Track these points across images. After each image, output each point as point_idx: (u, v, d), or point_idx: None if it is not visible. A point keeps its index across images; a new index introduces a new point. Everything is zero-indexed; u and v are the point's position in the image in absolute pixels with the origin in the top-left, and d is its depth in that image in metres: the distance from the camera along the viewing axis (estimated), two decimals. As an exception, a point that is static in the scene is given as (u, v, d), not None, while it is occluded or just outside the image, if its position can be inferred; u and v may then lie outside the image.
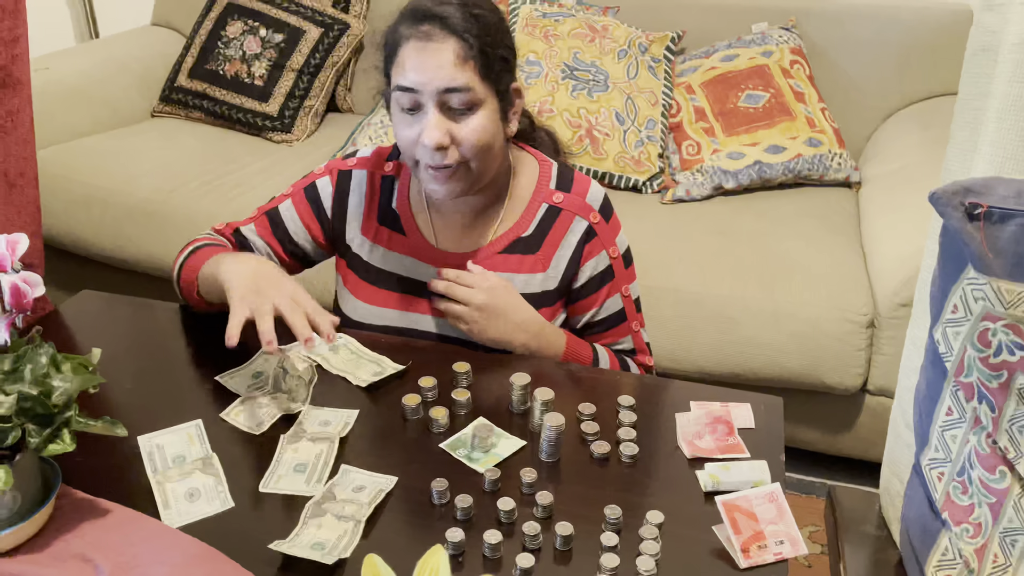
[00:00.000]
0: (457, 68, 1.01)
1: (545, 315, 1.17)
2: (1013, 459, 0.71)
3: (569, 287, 1.18)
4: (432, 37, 1.01)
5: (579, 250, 1.16)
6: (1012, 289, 0.67)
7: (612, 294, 1.19)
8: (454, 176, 1.07)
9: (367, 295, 1.20)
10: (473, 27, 1.02)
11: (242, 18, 2.37)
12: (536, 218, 1.16)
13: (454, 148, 1.04)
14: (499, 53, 1.06)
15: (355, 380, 1.07)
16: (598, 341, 1.22)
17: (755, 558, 0.84)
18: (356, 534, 0.84)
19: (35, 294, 0.81)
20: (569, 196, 1.16)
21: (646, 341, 1.25)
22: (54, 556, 0.82)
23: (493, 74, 1.05)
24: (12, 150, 1.23)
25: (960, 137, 0.79)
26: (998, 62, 0.75)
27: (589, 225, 1.16)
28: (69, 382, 0.82)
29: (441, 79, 1.01)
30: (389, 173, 1.20)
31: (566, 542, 0.84)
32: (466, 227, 1.18)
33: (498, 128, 1.08)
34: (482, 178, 1.10)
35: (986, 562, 0.73)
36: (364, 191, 1.20)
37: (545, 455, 0.96)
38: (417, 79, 1.02)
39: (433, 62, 1.01)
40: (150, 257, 1.95)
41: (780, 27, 2.16)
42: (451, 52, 1.01)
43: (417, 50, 1.02)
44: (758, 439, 1.00)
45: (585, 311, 1.20)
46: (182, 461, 0.94)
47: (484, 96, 1.04)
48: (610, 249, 1.18)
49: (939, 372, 0.74)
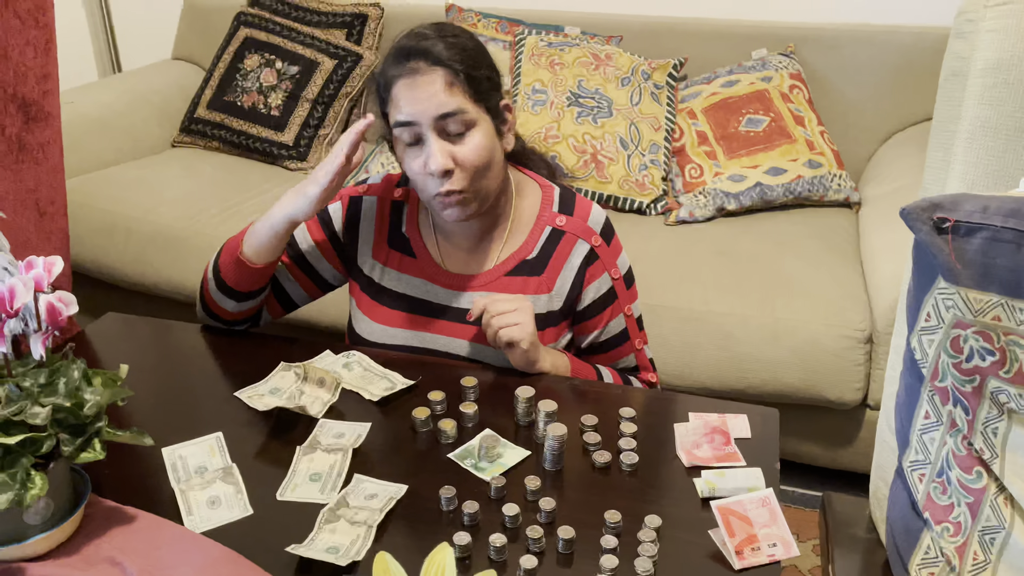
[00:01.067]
0: (447, 94, 1.07)
1: (550, 335, 1.21)
2: (988, 460, 0.75)
3: (573, 308, 1.22)
4: (419, 71, 1.07)
5: (582, 273, 1.20)
6: (980, 298, 0.71)
7: (615, 315, 1.23)
8: (463, 200, 1.11)
9: (379, 316, 1.25)
10: (455, 55, 1.08)
11: (259, 51, 2.45)
12: (540, 241, 1.21)
13: (459, 171, 1.09)
14: (483, 74, 1.11)
15: (367, 395, 1.12)
16: (602, 360, 1.26)
17: (749, 560, 0.87)
18: (368, 538, 0.88)
19: (69, 312, 0.86)
20: (572, 219, 1.21)
21: (649, 358, 1.29)
22: (85, 560, 0.86)
23: (482, 94, 1.10)
24: (43, 180, 1.30)
25: (935, 158, 0.84)
26: (967, 87, 0.80)
27: (591, 248, 1.20)
28: (99, 395, 0.87)
29: (435, 107, 1.07)
30: (399, 199, 1.26)
31: (568, 545, 0.88)
32: (472, 250, 1.22)
33: (495, 144, 1.13)
34: (488, 195, 1.14)
35: (967, 560, 0.77)
36: (375, 216, 1.25)
37: (549, 464, 1.01)
38: (413, 111, 1.07)
39: (424, 93, 1.07)
40: (171, 282, 2.01)
41: (779, 53, 2.22)
42: (439, 81, 1.07)
43: (408, 86, 1.07)
44: (754, 448, 1.04)
45: (589, 332, 1.24)
46: (204, 471, 0.99)
47: (477, 116, 1.10)
48: (612, 271, 1.22)
49: (916, 378, 0.78)
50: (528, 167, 1.28)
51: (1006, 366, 0.72)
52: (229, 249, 1.22)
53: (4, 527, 0.83)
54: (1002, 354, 0.72)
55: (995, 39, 0.77)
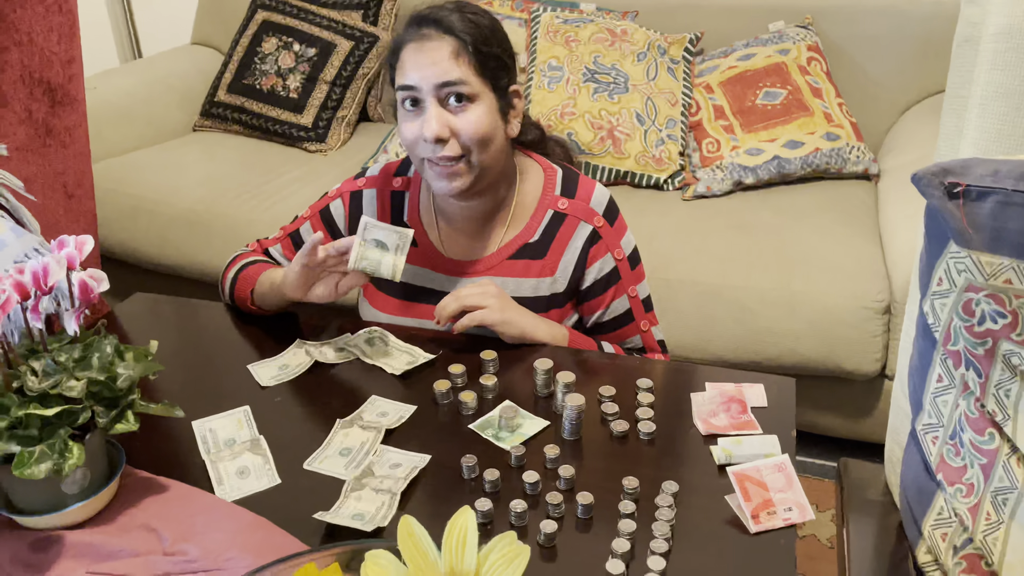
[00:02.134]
0: (451, 63, 1.08)
1: (555, 316, 1.22)
2: (1000, 422, 0.76)
3: (576, 289, 1.23)
4: (429, 37, 1.09)
5: (584, 254, 1.20)
6: (991, 261, 0.72)
7: (618, 295, 1.23)
8: (457, 172, 1.12)
9: (383, 304, 1.27)
10: (467, 27, 1.09)
11: (276, 34, 2.47)
12: (542, 224, 1.21)
13: (454, 140, 1.10)
14: (493, 51, 1.11)
15: (390, 369, 1.14)
16: (608, 340, 1.27)
17: (765, 523, 0.88)
18: (393, 506, 0.91)
19: (100, 289, 0.89)
20: (573, 202, 1.21)
21: (659, 339, 1.29)
22: (121, 527, 0.90)
23: (488, 71, 1.11)
24: (70, 163, 1.33)
25: (948, 124, 0.84)
26: (979, 52, 0.80)
27: (593, 229, 1.20)
28: (132, 369, 0.90)
29: (437, 74, 1.08)
30: (399, 188, 1.26)
31: (587, 510, 0.90)
32: (474, 235, 1.23)
33: (497, 124, 1.13)
34: (485, 174, 1.14)
35: (979, 520, 0.78)
36: (375, 208, 1.26)
37: (567, 433, 1.03)
38: (415, 76, 1.09)
39: (429, 59, 1.08)
40: (194, 263, 2.05)
41: (797, 25, 2.20)
42: (446, 49, 1.08)
43: (415, 50, 1.09)
44: (770, 417, 1.05)
45: (592, 312, 1.24)
46: (232, 443, 1.02)
47: (480, 91, 1.10)
48: (615, 251, 1.22)
49: (929, 342, 0.79)
50: (546, 155, 1.28)
51: (1018, 328, 0.73)
52: (243, 283, 1.25)
53: (43, 496, 0.87)
54: (1014, 317, 0.73)
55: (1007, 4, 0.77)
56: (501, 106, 1.14)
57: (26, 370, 0.85)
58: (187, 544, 0.86)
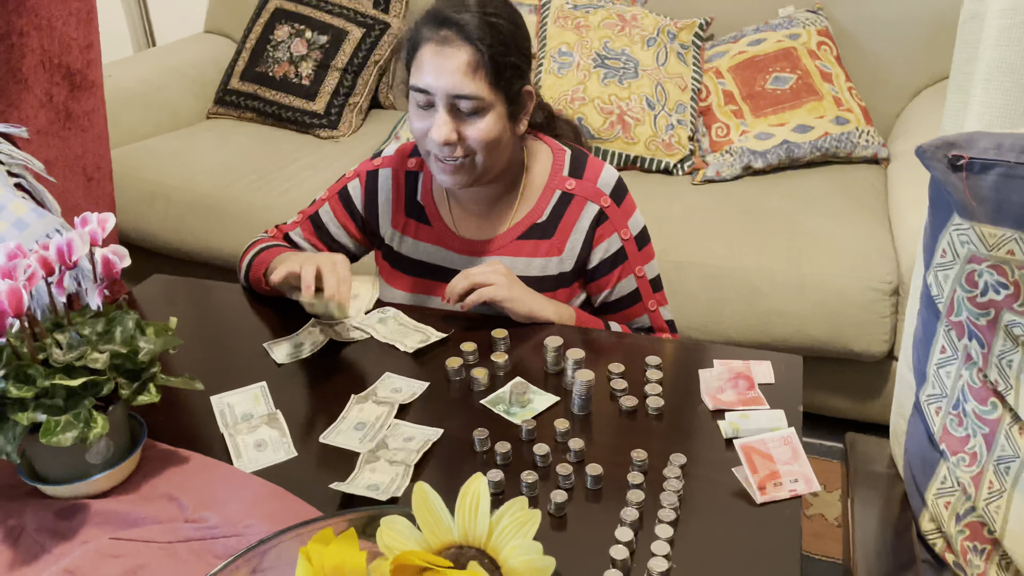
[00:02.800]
0: (467, 77, 1.08)
1: (563, 296, 1.25)
2: (1003, 391, 0.77)
3: (583, 268, 1.25)
4: (448, 42, 1.09)
5: (591, 233, 1.22)
6: (994, 233, 0.73)
7: (625, 275, 1.25)
8: (460, 169, 1.15)
9: (398, 283, 1.30)
10: (487, 36, 1.09)
11: (289, 22, 2.49)
12: (550, 205, 1.23)
13: (459, 146, 1.12)
14: (510, 61, 1.12)
15: (403, 347, 1.16)
16: (614, 319, 1.29)
17: (771, 494, 0.90)
18: (407, 477, 0.93)
19: (122, 264, 0.92)
20: (581, 182, 1.23)
21: (667, 319, 1.31)
22: (143, 496, 0.93)
23: (503, 81, 1.12)
24: (89, 146, 1.36)
25: (953, 99, 0.85)
26: (984, 28, 0.81)
27: (600, 209, 1.22)
28: (153, 343, 0.93)
29: (452, 86, 1.09)
30: (413, 169, 1.29)
31: (596, 481, 0.92)
32: (484, 216, 1.26)
33: (504, 128, 1.15)
34: (487, 172, 1.17)
35: (982, 488, 0.80)
36: (391, 187, 1.28)
37: (577, 408, 1.05)
38: (431, 82, 1.09)
39: (446, 68, 1.08)
40: (209, 247, 2.08)
41: (807, 10, 2.21)
42: (463, 61, 1.08)
43: (433, 54, 1.09)
44: (777, 393, 1.06)
45: (599, 291, 1.27)
46: (250, 417, 1.05)
47: (492, 101, 1.11)
48: (622, 231, 1.24)
49: (932, 313, 0.80)
50: (555, 136, 1.30)
51: (1020, 299, 0.74)
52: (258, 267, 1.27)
53: (69, 466, 0.90)
54: (1016, 287, 0.74)
55: (1013, -20, 0.78)
56: (511, 111, 1.16)
57: (51, 342, 0.87)
58: (207, 512, 0.89)
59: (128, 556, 0.84)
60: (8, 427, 0.85)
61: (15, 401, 0.84)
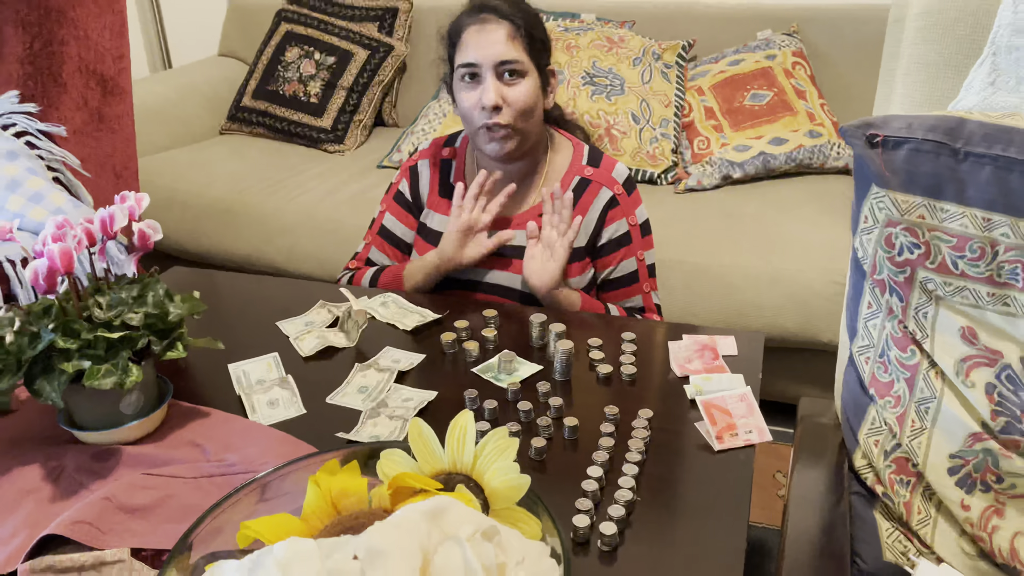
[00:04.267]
0: (509, 44, 1.28)
1: (576, 269, 1.39)
2: (920, 340, 0.89)
3: (594, 246, 1.40)
4: (488, 22, 1.29)
5: (603, 215, 1.38)
6: (906, 199, 0.85)
7: (628, 256, 1.40)
8: (507, 136, 1.32)
9: (424, 252, 1.44)
10: (519, 13, 1.30)
11: (299, 44, 2.65)
12: (569, 188, 1.39)
13: (506, 108, 1.30)
14: (539, 35, 1.33)
15: (401, 326, 1.29)
16: (612, 297, 1.43)
17: (728, 443, 1.01)
18: (404, 429, 1.04)
19: (156, 237, 1.04)
20: (598, 170, 1.40)
21: (656, 303, 1.45)
22: (170, 444, 1.04)
23: (535, 51, 1.32)
24: (119, 147, 1.49)
25: (881, 92, 0.98)
26: (904, 29, 0.94)
27: (613, 195, 1.38)
28: (180, 308, 1.05)
29: (497, 53, 1.28)
30: (447, 156, 1.47)
31: (573, 432, 1.04)
32: (511, 195, 1.41)
33: (539, 96, 1.34)
34: (526, 139, 1.34)
35: (905, 427, 0.91)
36: (428, 175, 1.46)
37: (558, 375, 1.16)
38: (478, 54, 1.29)
39: (489, 40, 1.28)
40: (224, 249, 2.21)
41: (783, 33, 2.35)
42: (504, 32, 1.28)
43: (477, 32, 1.29)
44: (740, 363, 1.18)
45: (603, 268, 1.41)
46: (263, 381, 1.16)
47: (528, 68, 1.31)
48: (629, 218, 1.39)
49: (859, 274, 0.92)
50: (566, 131, 1.47)
51: (931, 257, 0.86)
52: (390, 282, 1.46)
53: (104, 415, 1.01)
54: (927, 247, 0.86)
55: (925, -12, 0.91)
56: (542, 82, 1.34)
57: (93, 303, 1.00)
58: (228, 453, 1.00)
59: (159, 488, 0.95)
60: (54, 376, 0.96)
61: (61, 351, 0.96)
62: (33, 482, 0.98)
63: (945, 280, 0.86)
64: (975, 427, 0.87)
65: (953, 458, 0.88)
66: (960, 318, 0.86)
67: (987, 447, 0.87)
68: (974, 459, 0.88)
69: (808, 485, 0.92)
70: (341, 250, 2.04)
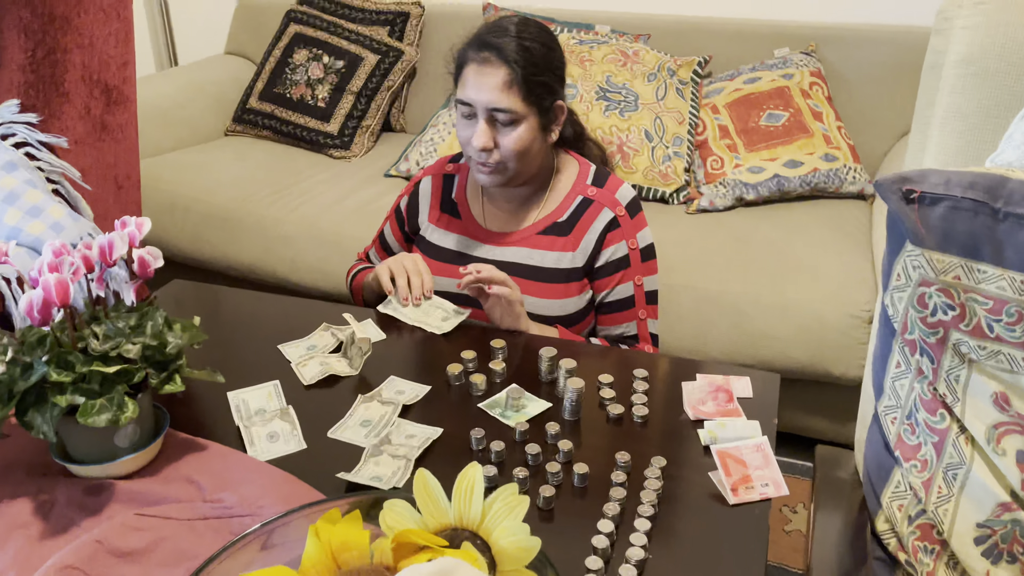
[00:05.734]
0: (503, 93, 1.25)
1: (574, 289, 1.37)
2: (951, 403, 0.85)
3: (592, 266, 1.37)
4: (488, 63, 1.26)
5: (602, 236, 1.36)
6: (942, 259, 0.82)
7: (625, 281, 1.37)
8: (495, 171, 1.31)
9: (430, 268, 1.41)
10: (521, 58, 1.26)
11: (307, 47, 2.60)
12: (571, 207, 1.37)
13: (496, 151, 1.29)
14: (541, 80, 1.28)
15: (428, 328, 1.28)
16: (605, 321, 1.40)
17: (743, 496, 0.98)
18: (408, 470, 1.01)
19: (156, 264, 1.01)
20: (602, 191, 1.37)
21: (652, 332, 1.41)
22: (165, 478, 1.00)
23: (534, 96, 1.28)
24: (121, 157, 1.45)
25: (915, 140, 0.95)
26: (942, 77, 0.91)
27: (614, 216, 1.35)
28: (180, 337, 1.01)
29: (490, 100, 1.26)
30: (450, 172, 1.46)
31: (583, 479, 1.00)
32: (513, 212, 1.40)
33: (536, 137, 1.30)
34: (519, 175, 1.33)
35: (932, 493, 0.87)
36: (430, 191, 1.46)
37: (567, 414, 1.12)
38: (473, 96, 1.27)
39: (485, 84, 1.26)
40: (226, 257, 2.17)
41: (801, 52, 2.31)
42: (500, 79, 1.25)
43: (475, 72, 1.27)
44: (755, 406, 1.14)
45: (599, 291, 1.38)
46: (263, 412, 1.13)
47: (525, 114, 1.28)
48: (630, 241, 1.36)
49: (889, 331, 0.89)
50: (583, 154, 1.44)
51: (966, 320, 0.82)
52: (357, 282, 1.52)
53: (98, 448, 0.97)
54: (962, 309, 0.82)
55: (966, 35, 0.87)
56: (543, 123, 1.31)
57: (89, 333, 0.96)
58: (224, 493, 0.97)
59: (151, 530, 0.91)
60: (47, 408, 0.92)
61: (55, 384, 0.92)
62: (23, 516, 0.94)
63: (979, 343, 0.82)
64: (1004, 496, 0.83)
65: (980, 527, 0.85)
66: (993, 383, 0.82)
67: (1016, 517, 0.83)
68: (1002, 529, 0.84)
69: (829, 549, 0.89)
70: (344, 262, 2.00)
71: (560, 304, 1.36)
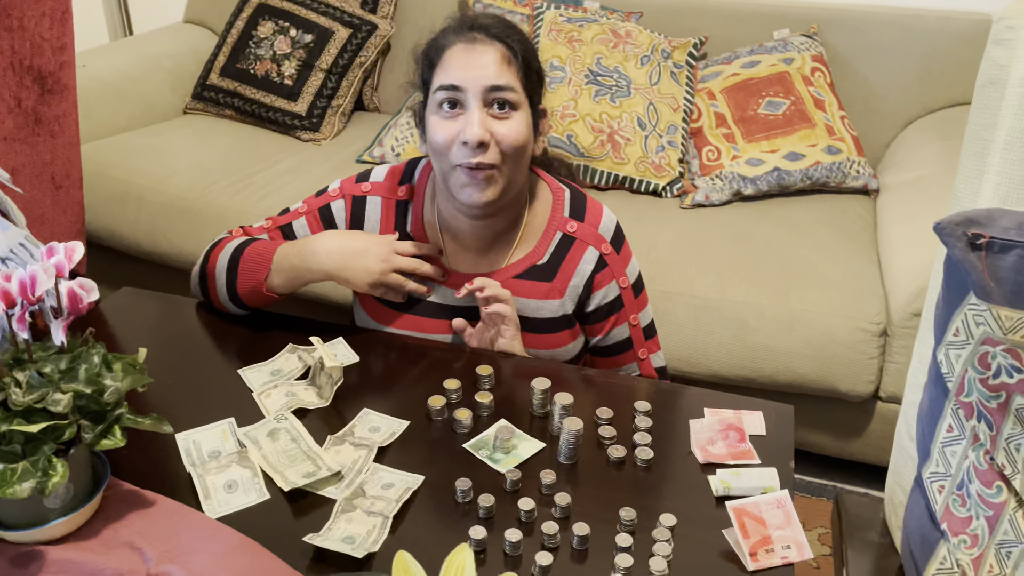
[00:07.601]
0: (503, 67, 1.06)
1: (566, 337, 1.22)
2: (1009, 475, 0.75)
3: (582, 311, 1.23)
4: (478, 40, 1.07)
5: (591, 279, 1.20)
6: (1011, 316, 0.70)
7: (619, 323, 1.23)
8: (490, 179, 1.08)
9: (380, 315, 1.23)
10: (514, 36, 1.09)
11: (273, 18, 2.42)
12: (551, 246, 1.19)
13: (494, 146, 1.07)
14: (535, 66, 1.12)
15: (279, 480, 0.95)
16: (604, 364, 1.27)
17: (762, 561, 0.88)
18: (384, 529, 0.89)
19: (89, 299, 0.86)
20: (583, 225, 1.19)
21: (659, 366, 1.28)
22: (104, 543, 0.87)
23: (530, 84, 1.10)
24: (59, 153, 1.29)
25: (968, 165, 0.83)
26: (1005, 95, 0.78)
27: (600, 255, 1.19)
28: (120, 381, 0.87)
29: (487, 77, 1.05)
30: (403, 198, 1.22)
31: (583, 542, 0.89)
32: (482, 251, 1.20)
33: (530, 136, 1.11)
34: (510, 188, 1.12)
35: (982, 572, 0.77)
36: (379, 218, 1.22)
37: (563, 458, 1.01)
38: (463, 76, 1.06)
39: (479, 61, 1.06)
40: (183, 253, 2.01)
41: (802, 34, 2.18)
42: (497, 53, 1.07)
43: (463, 51, 1.07)
44: (769, 446, 1.04)
45: (592, 335, 1.25)
46: (218, 455, 0.99)
47: (522, 100, 1.09)
48: (620, 280, 1.21)
49: (941, 391, 0.78)
50: (549, 171, 1.26)
51: (1033, 384, 0.71)
52: (247, 273, 1.18)
53: (24, 511, 0.84)
54: (1030, 372, 0.71)
55: (1038, 48, 0.75)
56: (534, 121, 1.13)
57: (10, 382, 0.82)
58: (172, 565, 0.84)
59: (86, 614, 0.79)
60: (-41, 472, 0.79)
61: (-32, 446, 0.78)
62: (-65, 595, 0.81)
63: (1047, 410, 0.71)
64: (1066, 580, 0.73)
65: (1038, 614, 0.75)
66: (1060, 455, 0.72)
67: (1078, 603, 0.73)
68: (1062, 616, 0.74)
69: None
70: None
71: (549, 354, 1.23)
